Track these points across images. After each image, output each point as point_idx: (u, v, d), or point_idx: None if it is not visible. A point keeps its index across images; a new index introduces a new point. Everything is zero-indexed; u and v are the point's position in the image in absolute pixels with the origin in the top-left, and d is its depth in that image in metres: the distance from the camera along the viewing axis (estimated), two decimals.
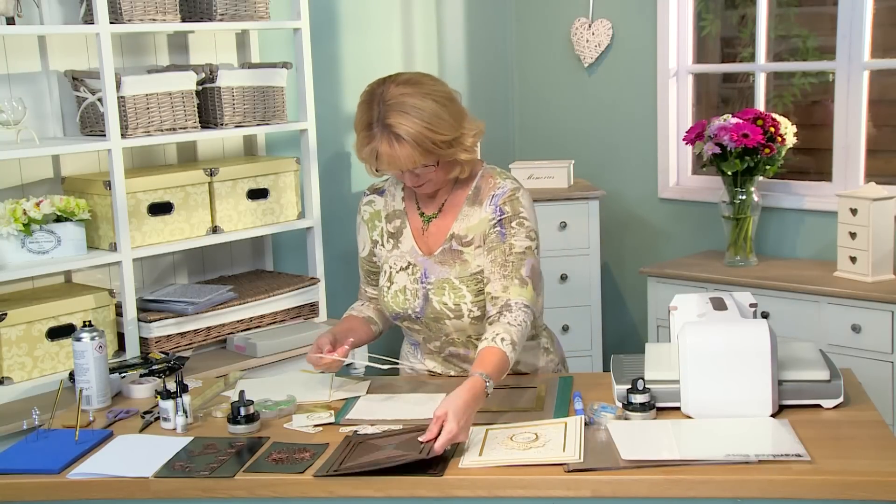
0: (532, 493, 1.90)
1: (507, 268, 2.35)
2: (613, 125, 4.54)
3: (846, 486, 1.83)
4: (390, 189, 2.56)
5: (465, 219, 2.43)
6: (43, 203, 2.96)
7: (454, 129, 2.29)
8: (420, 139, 2.24)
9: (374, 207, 2.56)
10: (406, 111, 2.24)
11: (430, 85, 2.31)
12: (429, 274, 2.43)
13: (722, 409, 2.09)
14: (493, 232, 2.38)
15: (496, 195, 2.40)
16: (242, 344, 3.28)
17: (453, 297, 2.39)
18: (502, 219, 2.38)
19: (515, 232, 2.37)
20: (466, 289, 2.39)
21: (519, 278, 2.34)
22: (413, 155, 2.26)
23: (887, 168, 3.97)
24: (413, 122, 2.23)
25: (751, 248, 3.94)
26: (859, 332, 3.50)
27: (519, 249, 2.36)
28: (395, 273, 2.47)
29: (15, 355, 2.91)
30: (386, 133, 2.24)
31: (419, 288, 2.43)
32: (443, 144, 2.27)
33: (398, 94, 2.26)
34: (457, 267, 2.41)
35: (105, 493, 2.02)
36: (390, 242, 2.51)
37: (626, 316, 4.63)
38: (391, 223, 2.52)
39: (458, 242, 2.42)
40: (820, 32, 4.12)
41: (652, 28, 4.35)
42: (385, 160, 2.28)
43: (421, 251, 2.46)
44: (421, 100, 2.25)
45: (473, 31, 4.61)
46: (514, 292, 2.32)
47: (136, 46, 3.38)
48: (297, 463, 2.01)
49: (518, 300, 2.31)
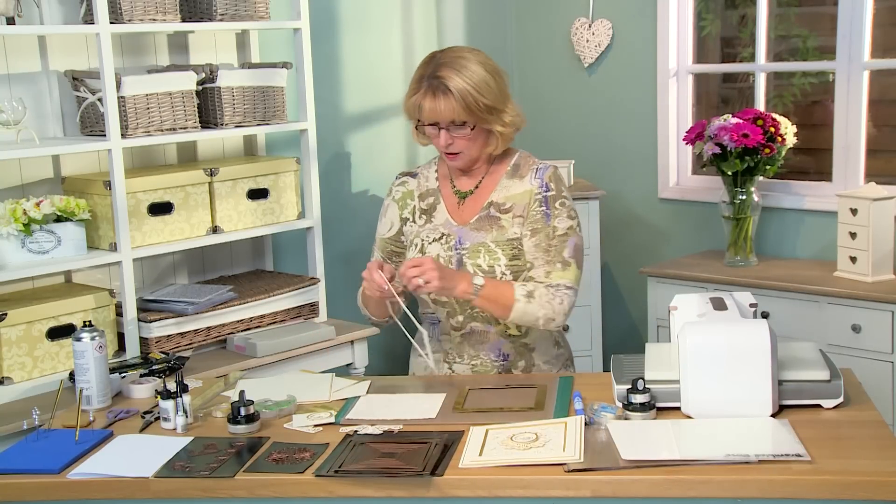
0: (532, 493, 1.90)
1: (551, 252, 2.44)
2: (613, 125, 4.54)
3: (846, 486, 1.83)
4: (423, 172, 2.65)
5: (504, 189, 2.51)
6: (43, 203, 2.96)
7: (497, 100, 2.42)
8: (465, 94, 2.36)
9: (407, 188, 2.64)
10: (458, 69, 2.38)
11: (484, 56, 2.46)
12: (463, 241, 2.50)
13: (722, 409, 2.09)
14: (537, 210, 2.46)
15: (540, 168, 2.51)
16: (242, 344, 3.28)
17: (488, 258, 2.46)
18: (548, 196, 2.47)
19: (559, 212, 2.46)
20: (501, 252, 2.46)
21: (561, 261, 2.44)
22: (455, 108, 2.37)
23: (887, 168, 3.97)
24: (462, 78, 2.37)
25: (751, 248, 3.94)
26: (859, 332, 3.50)
27: (562, 231, 2.45)
28: (428, 245, 2.53)
29: (15, 355, 2.91)
30: (433, 85, 2.38)
31: (453, 254, 2.49)
32: (484, 108, 2.39)
33: (455, 55, 2.42)
34: (493, 232, 2.48)
35: (105, 493, 2.02)
36: (422, 218, 2.58)
37: (626, 316, 4.63)
38: (424, 201, 2.60)
39: (496, 209, 2.50)
40: (820, 32, 4.12)
41: (652, 28, 4.35)
42: (426, 112, 2.41)
43: (455, 222, 2.53)
44: (474, 64, 2.40)
45: (473, 31, 4.61)
46: (556, 276, 2.43)
47: (136, 46, 3.38)
48: (297, 463, 2.01)
49: (562, 282, 2.42)
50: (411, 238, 2.58)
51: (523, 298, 2.38)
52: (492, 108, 2.41)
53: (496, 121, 2.43)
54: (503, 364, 2.52)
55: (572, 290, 2.44)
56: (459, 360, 2.54)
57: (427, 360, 2.47)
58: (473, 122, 2.41)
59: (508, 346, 2.52)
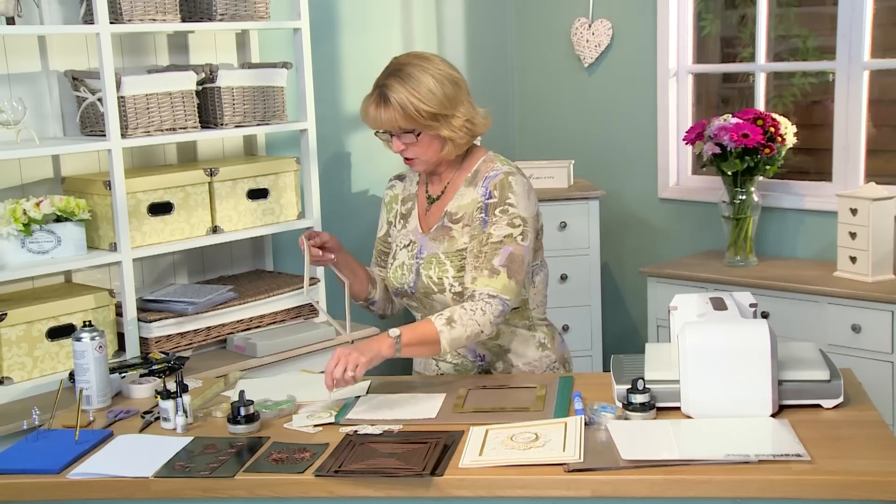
0: (532, 493, 1.90)
1: (480, 258, 2.40)
2: (613, 125, 4.54)
3: (846, 486, 1.83)
4: (410, 175, 2.66)
5: (459, 198, 2.50)
6: (43, 203, 2.96)
7: (443, 106, 2.40)
8: (404, 104, 2.37)
9: (394, 192, 2.68)
10: (402, 78, 2.39)
11: (437, 64, 2.44)
12: (423, 250, 2.51)
13: (722, 409, 2.09)
14: (476, 217, 2.45)
15: (488, 177, 2.47)
16: (242, 344, 3.28)
17: (437, 271, 2.46)
18: (488, 204, 2.44)
19: (497, 220, 2.42)
20: (450, 264, 2.45)
21: (489, 269, 2.38)
22: (394, 118, 2.39)
23: (887, 168, 3.97)
24: (404, 88, 2.37)
25: (751, 248, 3.94)
26: (859, 332, 3.50)
27: (496, 238, 2.40)
28: (399, 250, 2.57)
29: (15, 355, 2.91)
30: (379, 93, 2.41)
31: (413, 263, 2.52)
32: (427, 115, 2.39)
33: (405, 63, 2.43)
34: (445, 243, 2.48)
35: (105, 493, 2.02)
36: (401, 223, 2.61)
37: (626, 316, 4.63)
38: (404, 205, 2.62)
39: (448, 220, 2.50)
40: (820, 32, 4.12)
41: (652, 28, 4.35)
42: (371, 119, 2.44)
43: (421, 229, 2.55)
44: (421, 72, 2.40)
45: (473, 31, 4.61)
46: (480, 283, 2.38)
47: (136, 46, 3.38)
48: (297, 463, 2.01)
49: (483, 290, 2.37)
50: (392, 243, 2.63)
51: (445, 328, 2.31)
52: (436, 114, 2.39)
53: (442, 126, 2.41)
54: (481, 364, 2.54)
55: (497, 298, 2.35)
56: (443, 359, 2.57)
57: (332, 323, 2.54)
58: (417, 128, 2.41)
59: (483, 348, 2.53)
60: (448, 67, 2.45)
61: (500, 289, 2.37)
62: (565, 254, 4.16)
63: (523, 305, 2.52)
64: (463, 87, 2.47)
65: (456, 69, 2.48)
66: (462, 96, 2.45)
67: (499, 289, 2.37)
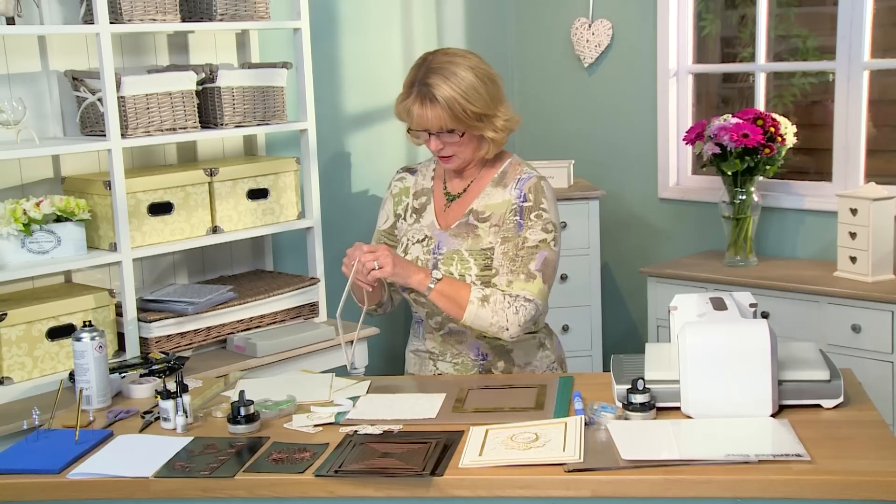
0: (532, 493, 1.90)
1: (517, 262, 2.40)
2: (613, 125, 4.54)
3: (846, 486, 1.83)
4: (422, 170, 2.65)
5: (486, 197, 2.49)
6: (43, 203, 2.96)
7: (487, 106, 2.39)
8: (452, 103, 2.35)
9: (405, 184, 2.64)
10: (446, 76, 2.36)
11: (476, 61, 2.44)
12: (441, 246, 2.49)
13: (722, 409, 2.09)
14: (510, 220, 2.44)
15: (522, 179, 2.47)
16: (242, 344, 3.28)
17: (460, 267, 2.44)
18: (523, 207, 2.43)
19: (532, 224, 2.42)
20: (474, 261, 2.44)
21: (526, 273, 2.39)
22: (442, 117, 2.36)
23: (887, 168, 3.97)
24: (450, 87, 2.35)
25: (751, 248, 3.94)
26: (859, 332, 3.50)
27: (532, 243, 2.41)
28: (412, 245, 2.54)
29: (15, 355, 2.91)
30: (422, 92, 2.37)
31: (430, 258, 2.49)
32: (472, 115, 2.37)
33: (445, 60, 2.40)
34: (469, 240, 2.47)
35: (105, 493, 2.02)
36: (413, 217, 2.59)
37: (626, 316, 4.63)
38: (417, 199, 2.60)
39: (475, 217, 2.48)
40: (820, 32, 4.12)
41: (652, 28, 4.35)
42: (415, 118, 2.39)
43: (439, 225, 2.53)
44: (464, 70, 2.38)
45: (473, 31, 4.61)
46: (517, 287, 2.38)
47: (136, 46, 3.38)
48: (297, 463, 2.01)
49: (521, 293, 2.37)
50: (400, 236, 2.61)
51: (477, 301, 2.34)
52: (481, 115, 2.39)
53: (486, 127, 2.41)
54: (483, 364, 2.53)
55: (532, 303, 2.37)
56: (442, 359, 2.56)
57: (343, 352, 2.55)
58: (462, 129, 2.39)
59: (486, 346, 2.52)
60: (486, 65, 2.45)
61: (536, 293, 2.38)
62: (565, 254, 4.11)
63: None
64: (500, 84, 2.46)
65: (491, 66, 2.46)
66: (501, 95, 2.46)
67: (535, 293, 2.38)
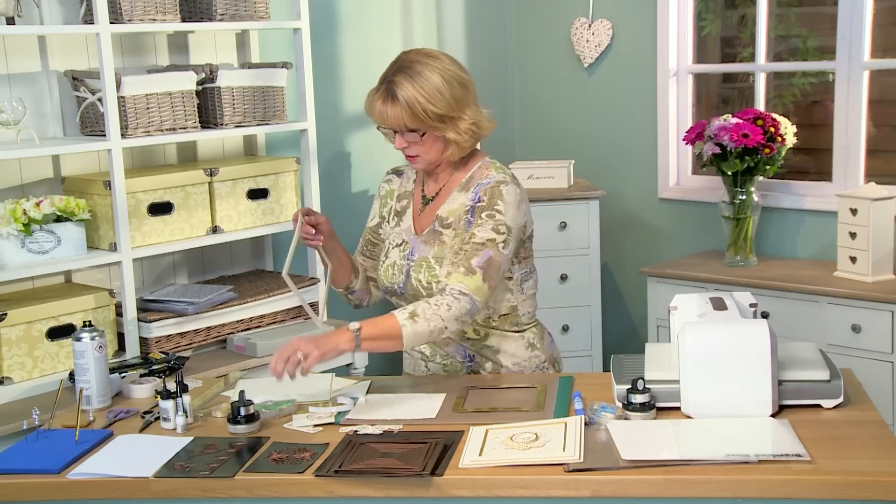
0: (532, 493, 1.90)
1: (459, 255, 2.38)
2: (613, 125, 4.54)
3: (846, 486, 1.83)
4: (408, 172, 2.65)
5: (450, 202, 2.49)
6: (43, 203, 2.96)
7: (450, 108, 2.38)
8: (412, 102, 2.35)
9: (391, 186, 2.66)
10: (412, 76, 2.36)
11: (446, 63, 2.42)
12: (414, 252, 2.50)
13: (722, 409, 2.09)
14: (462, 218, 2.44)
15: (481, 184, 2.45)
16: (242, 344, 3.28)
17: (427, 275, 2.44)
18: (476, 207, 2.42)
19: (483, 223, 2.39)
20: (440, 269, 2.43)
21: (466, 267, 2.35)
22: (401, 116, 2.36)
23: (887, 168, 3.97)
24: (413, 86, 2.35)
25: (751, 248, 3.94)
26: (859, 332, 3.50)
27: (479, 240, 2.37)
28: (391, 249, 2.56)
29: (15, 355, 2.91)
30: (386, 89, 2.38)
31: (405, 264, 2.50)
32: (433, 116, 2.37)
33: (414, 60, 2.40)
34: (435, 248, 2.47)
35: (105, 493, 2.02)
36: (395, 220, 2.59)
37: (626, 316, 4.63)
38: (400, 203, 2.61)
39: (440, 224, 2.48)
40: (820, 32, 4.12)
41: (652, 28, 4.35)
42: (376, 115, 2.41)
43: (415, 230, 2.53)
44: (430, 70, 2.37)
45: (473, 32, 4.61)
46: (454, 279, 2.34)
47: (136, 46, 3.38)
48: (297, 463, 2.01)
49: (455, 286, 2.33)
50: (384, 238, 2.62)
51: (408, 323, 2.27)
52: (443, 116, 2.37)
53: (448, 129, 2.39)
54: (470, 365, 2.53)
55: (467, 297, 2.31)
56: (432, 361, 2.56)
57: (313, 319, 2.58)
58: (423, 129, 2.38)
59: (472, 348, 2.52)
60: (457, 68, 2.43)
61: (472, 288, 2.33)
62: (565, 254, 4.16)
63: (512, 312, 2.51)
64: (471, 88, 2.44)
65: (464, 69, 2.45)
66: (469, 99, 2.44)
67: (471, 288, 2.33)
